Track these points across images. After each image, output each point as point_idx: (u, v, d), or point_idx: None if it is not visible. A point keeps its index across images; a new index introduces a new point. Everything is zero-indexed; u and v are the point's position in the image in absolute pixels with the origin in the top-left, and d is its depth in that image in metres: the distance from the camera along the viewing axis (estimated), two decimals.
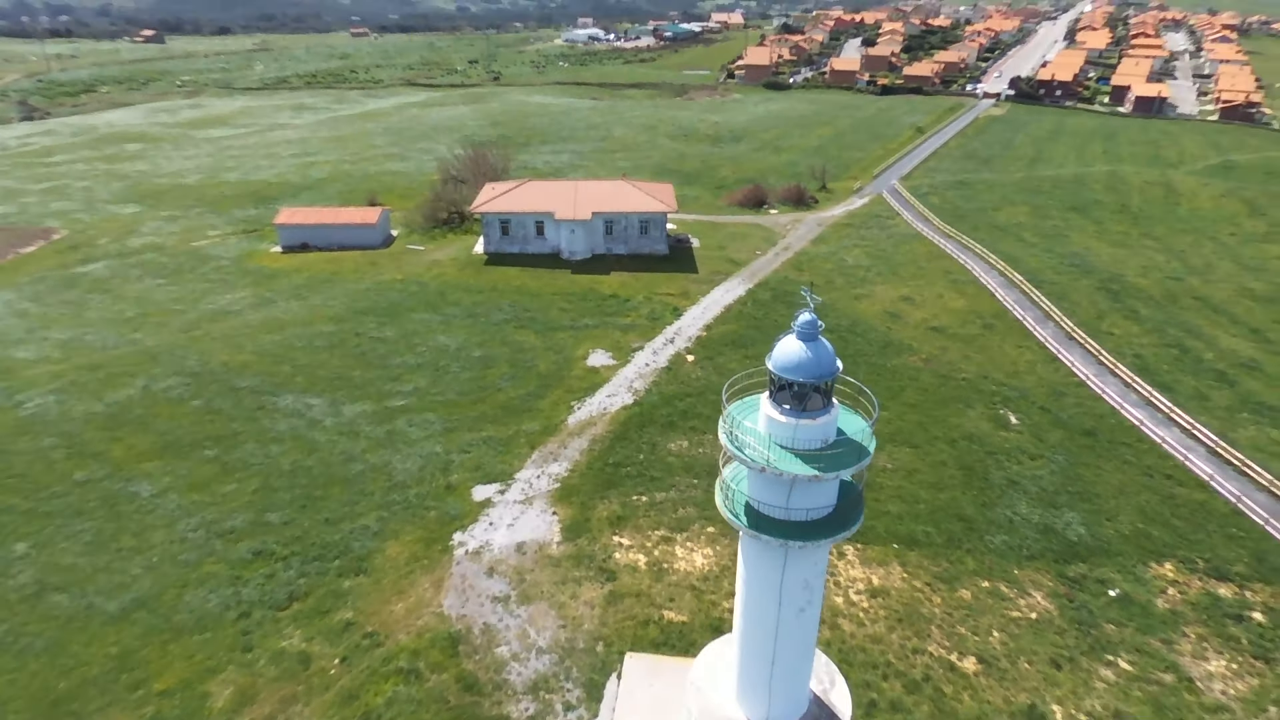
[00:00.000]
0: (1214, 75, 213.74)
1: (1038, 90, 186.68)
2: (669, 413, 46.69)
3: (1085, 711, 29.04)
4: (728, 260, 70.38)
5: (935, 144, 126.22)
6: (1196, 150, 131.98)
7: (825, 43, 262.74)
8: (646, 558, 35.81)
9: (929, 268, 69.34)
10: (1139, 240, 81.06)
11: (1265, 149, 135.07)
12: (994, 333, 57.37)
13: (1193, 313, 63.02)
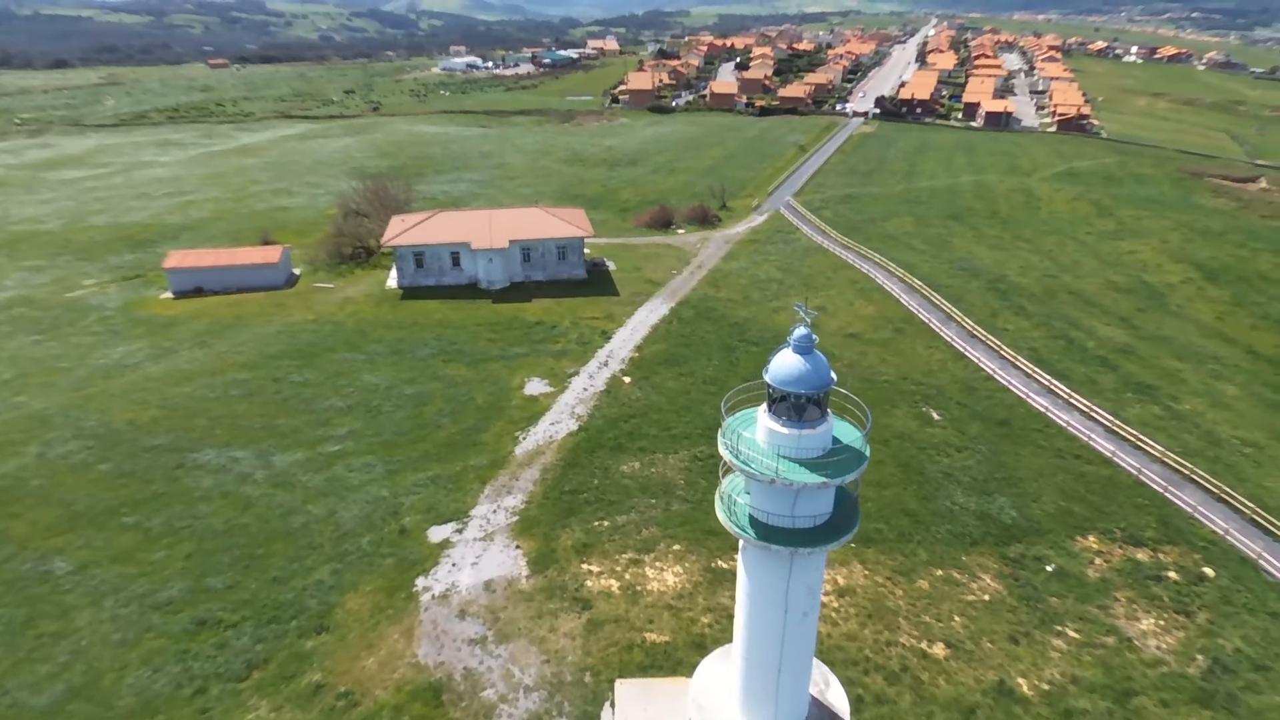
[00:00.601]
0: (1048, 91, 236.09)
1: (900, 109, 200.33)
2: (616, 435, 46.86)
3: (1046, 681, 31.26)
4: (646, 281, 71.49)
5: (818, 161, 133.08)
6: (1044, 159, 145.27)
7: (701, 67, 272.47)
8: (619, 582, 35.76)
9: (835, 278, 72.97)
10: (1012, 243, 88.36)
11: (1100, 156, 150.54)
12: (905, 336, 61.00)
13: (1070, 306, 69.33)
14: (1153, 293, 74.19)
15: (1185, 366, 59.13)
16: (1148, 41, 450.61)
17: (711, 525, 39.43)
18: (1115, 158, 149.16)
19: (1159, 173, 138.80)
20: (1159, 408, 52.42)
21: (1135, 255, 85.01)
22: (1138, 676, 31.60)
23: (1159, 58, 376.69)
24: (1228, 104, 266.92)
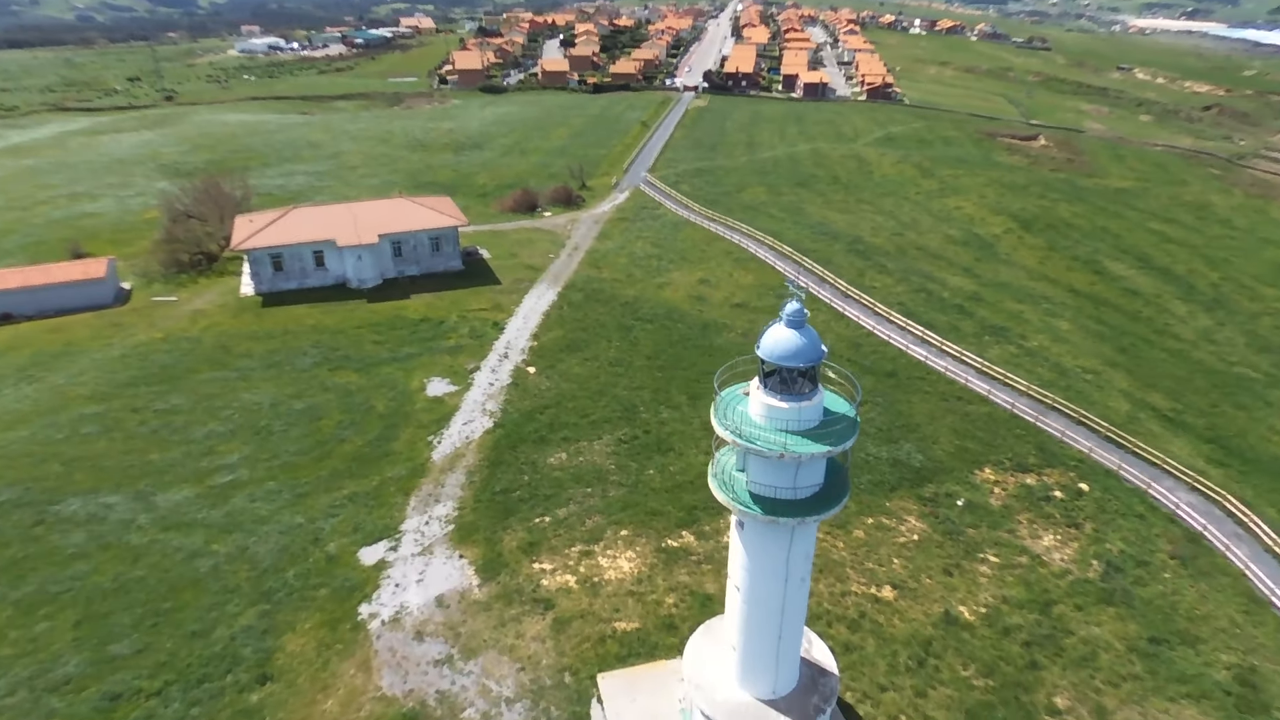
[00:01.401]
0: (853, 62, 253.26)
1: (727, 82, 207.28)
2: (535, 428, 45.68)
3: (982, 605, 34.36)
4: (526, 267, 69.76)
5: (663, 136, 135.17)
6: (864, 126, 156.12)
7: (525, 45, 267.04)
8: (574, 577, 35.12)
9: (710, 250, 74.81)
10: (857, 206, 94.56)
11: (909, 121, 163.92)
12: None
13: (921, 261, 75.47)
14: (984, 244, 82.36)
15: (1025, 308, 66.32)
16: (927, 15, 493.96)
17: (653, 506, 39.67)
18: (922, 122, 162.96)
19: (961, 134, 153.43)
20: (1013, 347, 58.50)
21: (961, 210, 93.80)
22: (1052, 588, 35.47)
23: (939, 30, 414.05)
24: (999, 70, 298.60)
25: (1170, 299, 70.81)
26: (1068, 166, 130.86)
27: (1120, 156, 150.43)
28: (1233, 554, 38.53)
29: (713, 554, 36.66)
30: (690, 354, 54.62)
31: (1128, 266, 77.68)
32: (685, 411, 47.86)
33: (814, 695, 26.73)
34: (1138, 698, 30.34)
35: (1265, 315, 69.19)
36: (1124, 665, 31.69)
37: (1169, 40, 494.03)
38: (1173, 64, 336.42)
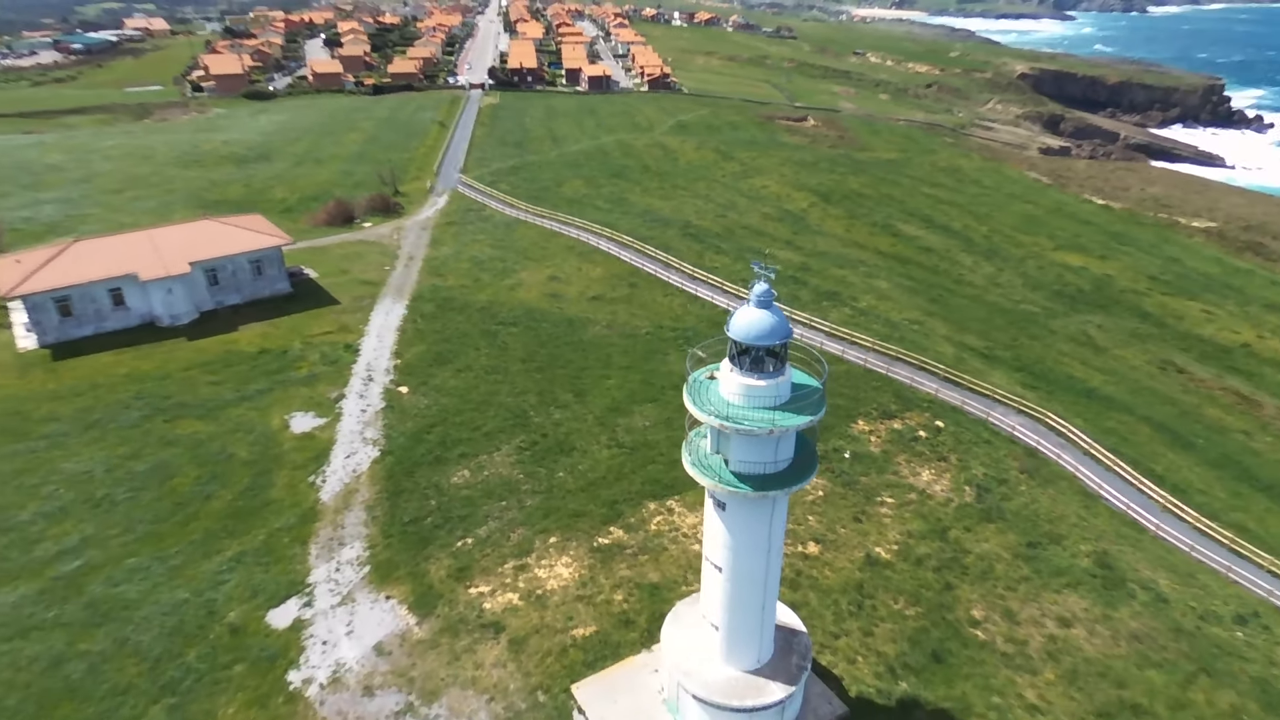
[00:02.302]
0: (629, 55, 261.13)
1: (512, 78, 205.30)
2: (427, 449, 43.16)
3: (893, 543, 37.75)
4: (362, 283, 65.11)
5: (464, 135, 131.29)
6: (656, 116, 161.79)
7: (285, 46, 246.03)
8: (516, 593, 33.93)
9: (551, 246, 74.29)
10: (674, 192, 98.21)
11: (695, 109, 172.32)
12: (640, 289, 65.11)
13: (748, 239, 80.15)
14: (796, 218, 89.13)
15: (846, 273, 72.86)
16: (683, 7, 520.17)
17: (574, 508, 39.18)
18: (707, 110, 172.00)
19: (744, 119, 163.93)
20: (848, 309, 64.15)
21: (768, 189, 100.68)
22: (943, 516, 39.75)
23: (699, 22, 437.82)
24: (758, 58, 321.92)
25: (957, 252, 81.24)
26: (840, 143, 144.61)
27: (876, 131, 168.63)
28: (1064, 461, 45.41)
29: (645, 544, 36.99)
30: (564, 352, 54.18)
31: (917, 227, 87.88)
32: (576, 409, 47.52)
33: (792, 656, 28.06)
34: (1032, 595, 34.99)
35: (1029, 259, 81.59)
36: (1015, 571, 36.37)
37: (885, 28, 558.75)
38: (895, 48, 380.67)
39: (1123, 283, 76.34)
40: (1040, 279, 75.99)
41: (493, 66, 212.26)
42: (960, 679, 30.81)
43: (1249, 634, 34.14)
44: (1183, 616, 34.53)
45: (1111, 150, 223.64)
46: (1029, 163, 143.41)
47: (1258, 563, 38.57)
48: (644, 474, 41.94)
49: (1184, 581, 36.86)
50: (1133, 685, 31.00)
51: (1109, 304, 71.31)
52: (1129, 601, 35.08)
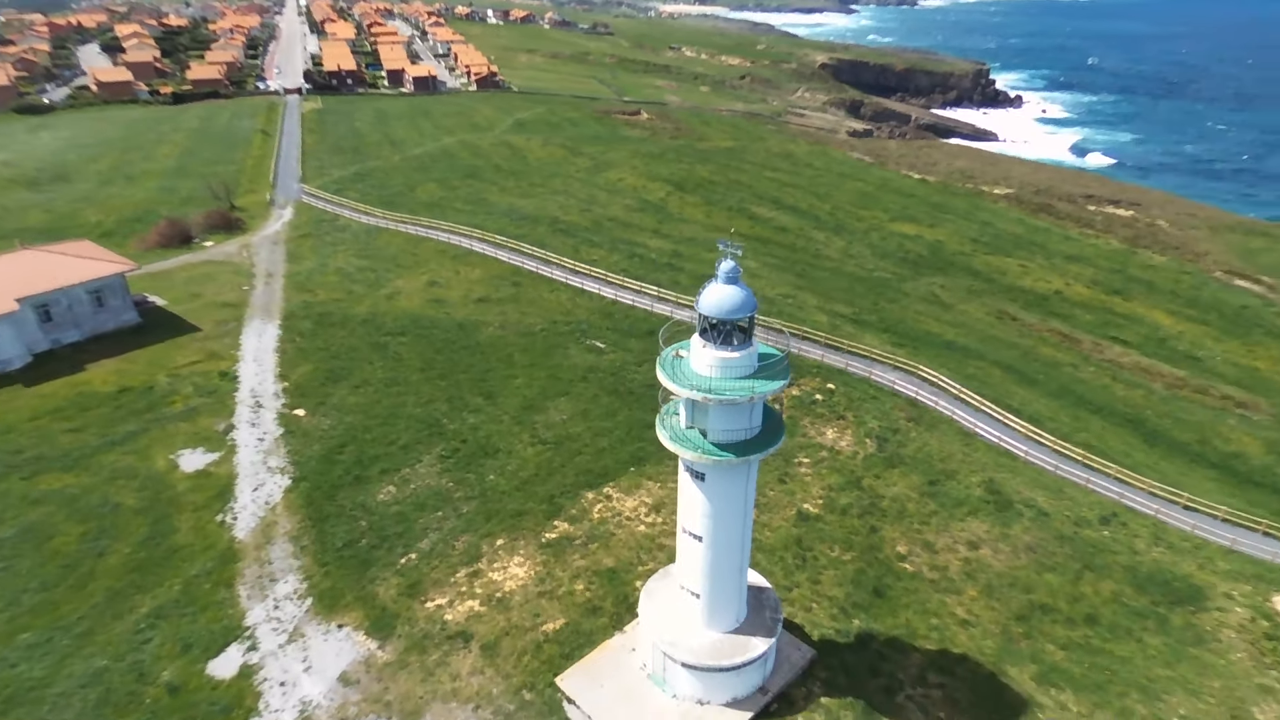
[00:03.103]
0: (450, 54, 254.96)
1: (331, 82, 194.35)
2: (344, 470, 41.06)
3: (818, 497, 40.65)
4: (221, 306, 60.02)
5: (293, 143, 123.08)
6: (493, 115, 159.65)
7: (53, 53, 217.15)
8: (477, 600, 33.43)
9: (422, 252, 71.96)
10: (533, 190, 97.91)
11: (531, 107, 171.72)
12: (525, 287, 64.77)
13: (617, 231, 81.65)
14: (657, 208, 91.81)
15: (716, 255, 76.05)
16: (497, 5, 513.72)
17: (513, 507, 38.97)
18: (543, 107, 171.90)
19: (581, 115, 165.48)
20: None
21: (624, 182, 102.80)
22: (854, 468, 43.18)
23: (514, 19, 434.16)
24: (579, 55, 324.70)
25: (810, 229, 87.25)
26: (679, 134, 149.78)
27: (707, 122, 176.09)
28: (940, 406, 50.62)
29: (592, 533, 37.49)
30: (462, 356, 53.08)
31: (769, 209, 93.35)
32: (489, 411, 46.89)
33: (765, 611, 29.86)
34: (942, 526, 39.10)
35: (872, 231, 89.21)
36: (924, 507, 40.39)
37: (693, 23, 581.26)
38: (707, 42, 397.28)
39: (952, 246, 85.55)
40: (885, 248, 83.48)
41: (308, 70, 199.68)
42: (901, 608, 34.02)
43: (1112, 532, 40.11)
44: (1061, 525, 39.94)
45: (906, 130, 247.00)
46: (848, 145, 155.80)
47: (1106, 472, 45.16)
48: (573, 466, 42.29)
49: (1056, 496, 42.54)
50: (1037, 589, 35.62)
51: (945, 266, 79.77)
52: (1019, 519, 40.06)
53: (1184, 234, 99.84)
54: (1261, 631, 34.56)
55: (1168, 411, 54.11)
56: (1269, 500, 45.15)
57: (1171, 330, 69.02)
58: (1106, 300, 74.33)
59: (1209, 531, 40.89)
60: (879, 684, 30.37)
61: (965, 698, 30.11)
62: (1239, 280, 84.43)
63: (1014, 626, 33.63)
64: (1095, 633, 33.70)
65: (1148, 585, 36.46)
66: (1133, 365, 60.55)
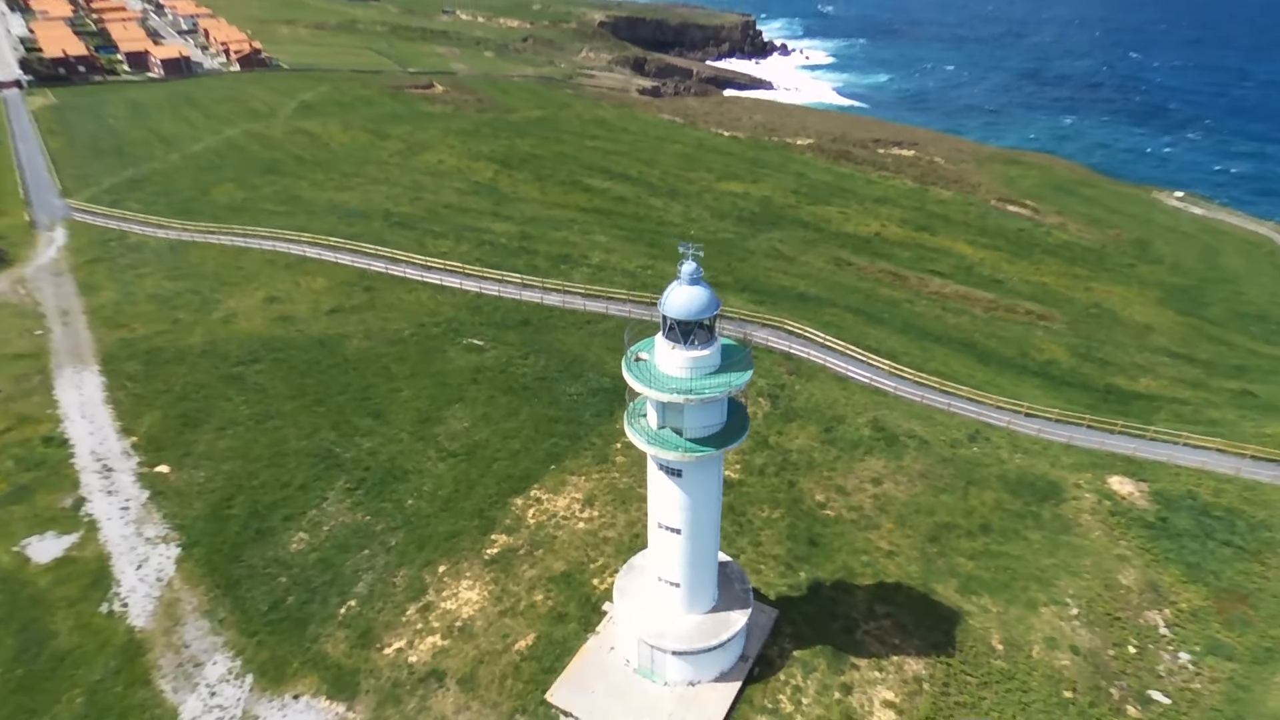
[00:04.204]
0: (200, 29, 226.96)
1: (58, 70, 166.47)
2: (240, 525, 37.14)
3: (733, 464, 42.61)
4: (15, 358, 50.69)
5: (32, 149, 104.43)
6: (271, 99, 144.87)
7: None
8: (437, 635, 32.11)
9: (247, 265, 64.88)
10: (349, 181, 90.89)
11: (313, 87, 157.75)
12: (378, 291, 60.73)
13: (455, 218, 78.23)
14: (490, 189, 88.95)
15: (564, 234, 75.60)
16: None
17: (444, 529, 37.54)
18: (326, 86, 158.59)
19: (372, 92, 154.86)
20: (586, 268, 67.26)
21: (445, 163, 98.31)
22: (758, 428, 45.58)
23: None
24: (347, 24, 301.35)
25: (646, 197, 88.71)
26: (484, 107, 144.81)
27: (505, 91, 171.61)
28: (813, 357, 54.48)
29: (534, 539, 36.95)
30: (333, 376, 49.22)
31: (602, 180, 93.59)
32: (384, 432, 44.14)
33: (734, 584, 31.34)
34: (848, 469, 42.64)
35: (705, 193, 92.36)
36: (827, 454, 43.73)
37: None
38: (481, 4, 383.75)
39: (778, 200, 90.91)
40: (720, 209, 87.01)
41: (23, 58, 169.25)
42: (835, 552, 36.99)
43: (980, 447, 45.83)
44: (941, 449, 45.01)
45: (690, 85, 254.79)
46: (652, 106, 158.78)
47: (960, 395, 51.17)
48: (492, 475, 41.12)
49: (929, 424, 47.72)
50: (937, 511, 40.14)
51: (778, 220, 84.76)
52: (906, 451, 44.60)
53: (958, 168, 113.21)
54: (1107, 510, 41.41)
55: (991, 332, 62.10)
56: (1083, 397, 53.59)
57: (974, 258, 78.71)
58: (917, 237, 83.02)
59: (1049, 433, 47.91)
60: (838, 626, 33.06)
61: (910, 621, 33.61)
62: (1010, 206, 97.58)
63: (929, 548, 37.77)
64: (991, 539, 38.70)
65: (1019, 489, 42.27)
66: (953, 294, 68.58)
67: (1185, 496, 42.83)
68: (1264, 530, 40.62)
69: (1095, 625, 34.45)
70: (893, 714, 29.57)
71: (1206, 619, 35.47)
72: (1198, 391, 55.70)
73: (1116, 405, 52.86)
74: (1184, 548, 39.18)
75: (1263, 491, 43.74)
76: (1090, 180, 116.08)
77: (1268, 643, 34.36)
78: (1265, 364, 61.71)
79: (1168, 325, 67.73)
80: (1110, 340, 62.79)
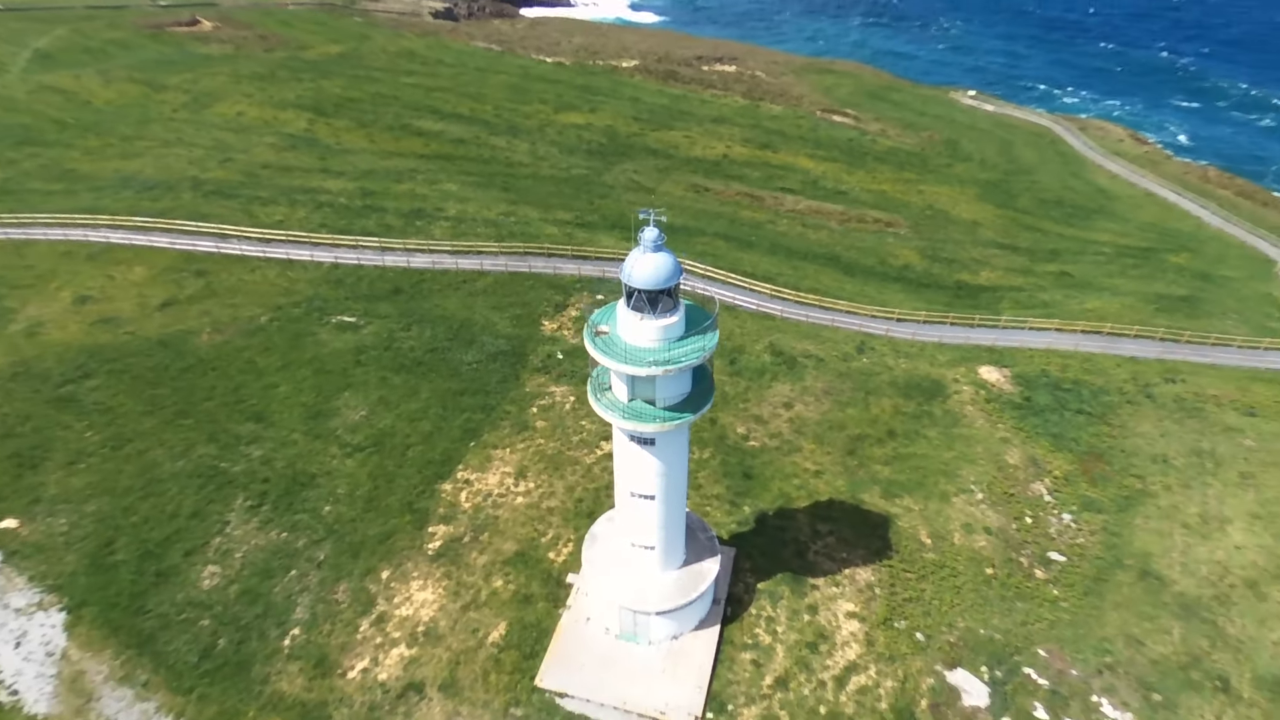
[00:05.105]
0: None
1: None
2: (133, 572, 32.62)
3: None
4: None
5: None
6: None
7: None
8: (402, 645, 30.30)
9: (36, 261, 54.28)
10: (135, 145, 77.95)
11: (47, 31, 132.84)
12: (215, 275, 53.55)
13: (281, 178, 69.97)
14: (311, 142, 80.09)
15: (410, 185, 70.12)
16: None
17: (377, 531, 35.10)
18: (63, 28, 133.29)
19: (126, 34, 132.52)
20: (444, 221, 63.00)
21: (246, 116, 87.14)
22: None
23: None
24: None
25: (486, 136, 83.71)
26: (273, 44, 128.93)
27: (287, 23, 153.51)
28: (698, 288, 55.04)
29: (474, 523, 35.43)
30: (191, 381, 43.42)
31: (432, 121, 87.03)
32: (272, 435, 39.87)
33: (697, 533, 31.88)
34: (758, 397, 44.12)
35: (546, 127, 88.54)
36: (736, 387, 44.95)
37: None
38: None
39: (622, 129, 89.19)
40: (566, 143, 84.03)
41: None
42: (769, 481, 38.55)
43: (869, 358, 49.02)
44: (836, 365, 47.68)
45: (485, 4, 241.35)
46: (460, 33, 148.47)
47: (838, 309, 54.12)
48: (410, 463, 38.58)
49: (819, 342, 50.23)
50: (848, 425, 42.78)
51: (627, 150, 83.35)
52: (806, 371, 46.83)
53: (779, 81, 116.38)
54: (984, 398, 46.09)
55: (849, 244, 65.68)
56: (940, 296, 58.51)
57: (817, 172, 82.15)
58: (761, 155, 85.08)
59: (922, 335, 52.09)
60: (790, 552, 34.78)
61: (850, 534, 36.00)
62: (835, 116, 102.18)
63: (849, 461, 40.34)
64: (898, 443, 41.95)
65: (909, 391, 45.89)
66: (808, 210, 71.48)
67: (1040, 376, 48.53)
68: (1104, 395, 47.08)
69: (997, 505, 38.69)
70: (856, 622, 31.89)
71: (1076, 481, 40.89)
72: (1027, 278, 62.60)
73: (968, 300, 58.32)
74: (1048, 421, 44.61)
75: (1097, 362, 50.50)
76: (895, 85, 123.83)
77: (1125, 492, 40.32)
78: (1072, 245, 70.30)
79: (990, 219, 75.02)
80: (949, 239, 68.65)
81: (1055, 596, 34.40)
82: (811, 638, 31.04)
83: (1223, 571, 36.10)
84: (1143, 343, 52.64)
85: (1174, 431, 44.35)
